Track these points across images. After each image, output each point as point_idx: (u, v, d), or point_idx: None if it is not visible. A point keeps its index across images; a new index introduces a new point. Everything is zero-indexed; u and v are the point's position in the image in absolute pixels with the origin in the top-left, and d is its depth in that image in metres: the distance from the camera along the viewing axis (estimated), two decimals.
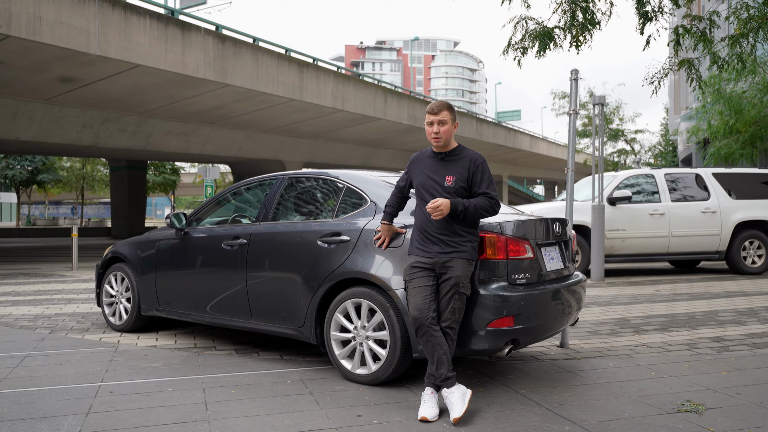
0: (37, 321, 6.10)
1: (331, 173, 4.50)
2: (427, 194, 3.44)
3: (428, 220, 3.40)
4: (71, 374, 4.05)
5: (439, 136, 3.45)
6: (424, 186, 3.47)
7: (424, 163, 3.54)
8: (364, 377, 3.83)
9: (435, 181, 3.43)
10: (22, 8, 10.87)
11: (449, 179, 3.41)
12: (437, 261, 3.38)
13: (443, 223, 3.39)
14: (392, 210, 3.73)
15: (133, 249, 5.47)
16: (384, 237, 3.75)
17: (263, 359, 4.53)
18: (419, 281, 3.36)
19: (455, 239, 3.40)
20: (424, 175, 3.49)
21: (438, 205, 3.33)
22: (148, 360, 4.46)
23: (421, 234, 3.46)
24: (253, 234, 4.52)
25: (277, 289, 4.30)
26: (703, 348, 4.93)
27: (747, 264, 10.33)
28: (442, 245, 3.38)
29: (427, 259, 3.39)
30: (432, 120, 3.46)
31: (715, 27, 6.46)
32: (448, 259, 3.38)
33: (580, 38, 6.16)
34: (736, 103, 13.74)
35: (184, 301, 4.97)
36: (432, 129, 3.47)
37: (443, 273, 3.37)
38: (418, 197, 3.50)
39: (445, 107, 3.47)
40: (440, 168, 3.46)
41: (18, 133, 16.10)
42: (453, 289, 3.34)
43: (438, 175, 3.44)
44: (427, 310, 3.30)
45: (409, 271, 3.42)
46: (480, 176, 3.43)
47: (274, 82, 16.71)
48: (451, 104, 3.51)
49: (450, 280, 3.35)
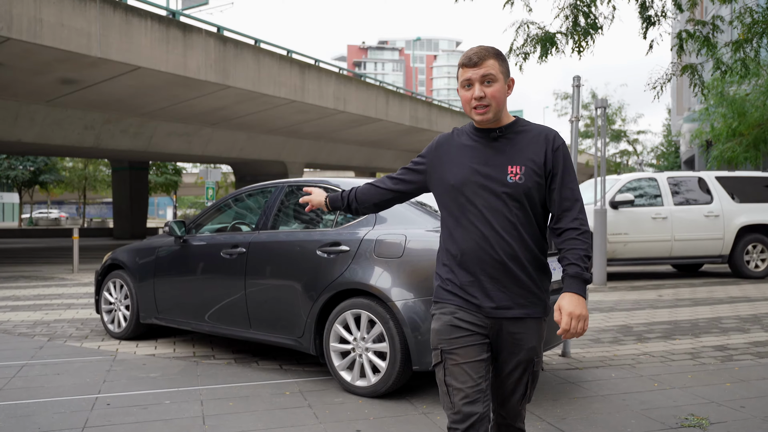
0: (35, 328, 6.07)
1: (331, 181, 4.46)
2: (476, 198, 2.01)
3: (479, 245, 2.00)
4: (68, 385, 4.02)
5: (487, 104, 2.00)
6: (467, 185, 2.03)
7: (461, 150, 2.09)
8: (363, 389, 3.79)
9: (487, 175, 2.01)
10: (23, 10, 10.85)
11: (514, 171, 2.00)
12: (494, 322, 2.02)
13: (507, 249, 1.99)
14: (350, 195, 2.39)
15: (131, 256, 5.44)
16: (310, 203, 2.49)
17: (262, 369, 4.50)
18: (466, 353, 1.98)
19: (528, 284, 2.02)
20: (464, 167, 2.05)
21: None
22: (146, 370, 4.43)
23: (462, 269, 2.04)
24: (252, 243, 4.48)
25: (276, 299, 4.27)
26: (707, 357, 4.88)
27: (750, 268, 10.27)
28: (506, 293, 2.01)
29: (475, 317, 2.01)
30: (471, 77, 2.00)
31: (719, 31, 6.41)
32: (517, 319, 2.03)
33: (582, 44, 6.12)
34: (739, 105, 13.67)
35: (182, 310, 4.94)
36: (471, 93, 2.01)
37: (505, 343, 2.04)
38: (452, 206, 2.08)
39: (491, 54, 2.02)
40: (494, 154, 2.04)
41: (19, 134, 16.08)
42: (527, 371, 2.08)
43: (492, 166, 2.02)
44: (483, 404, 1.96)
45: (446, 333, 2.01)
46: (562, 166, 2.04)
47: (276, 83, 16.68)
48: (500, 51, 2.07)
49: (520, 356, 2.05)
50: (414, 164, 2.26)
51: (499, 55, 2.04)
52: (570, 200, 2.02)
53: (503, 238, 1.99)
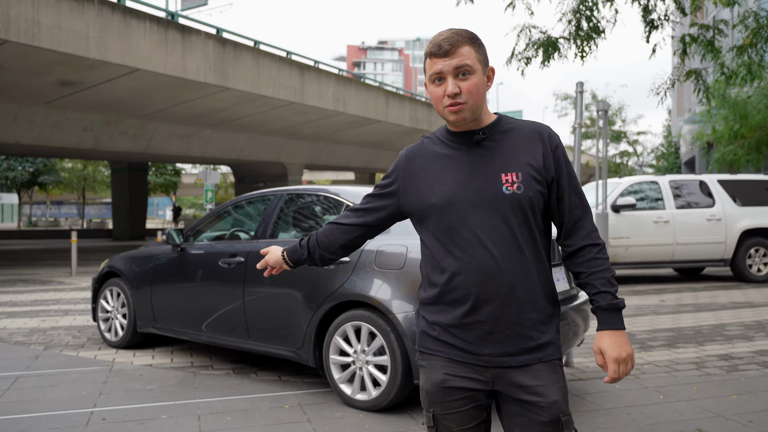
0: (32, 336, 6.00)
1: (330, 190, 4.40)
2: (467, 218, 1.62)
3: (476, 277, 1.60)
4: (63, 398, 3.95)
5: (463, 101, 1.60)
6: (454, 204, 1.63)
7: (438, 161, 1.70)
8: (364, 403, 3.72)
9: (478, 188, 1.62)
10: (20, 13, 10.78)
11: (510, 179, 1.61)
12: (498, 372, 1.63)
13: (511, 279, 1.60)
14: (310, 242, 1.94)
15: (128, 264, 5.37)
16: (269, 267, 2.04)
17: (261, 380, 4.43)
18: (462, 418, 1.65)
19: (536, 321, 1.63)
20: (446, 182, 1.65)
21: None
22: (143, 381, 4.36)
23: (454, 308, 1.64)
24: (251, 252, 4.41)
25: (275, 310, 4.20)
26: (712, 367, 4.82)
27: (752, 272, 10.21)
28: (509, 335, 1.62)
29: (472, 369, 1.64)
30: (442, 69, 1.61)
31: (723, 36, 6.35)
32: (526, 367, 1.62)
33: (585, 49, 6.06)
34: (741, 108, 13.60)
35: (180, 319, 4.87)
36: (443, 88, 1.62)
37: (517, 403, 1.63)
38: (437, 231, 1.67)
39: (465, 40, 1.62)
40: (481, 161, 1.64)
41: (18, 136, 16.02)
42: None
43: (481, 176, 1.63)
44: None
45: (437, 395, 1.67)
46: (566, 168, 1.68)
47: (276, 85, 16.62)
48: (475, 35, 1.66)
49: (541, 417, 1.60)
50: (380, 188, 1.82)
51: (474, 39, 1.65)
52: (580, 209, 1.70)
53: (506, 265, 1.60)
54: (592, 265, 1.66)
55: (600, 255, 1.67)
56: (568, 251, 1.71)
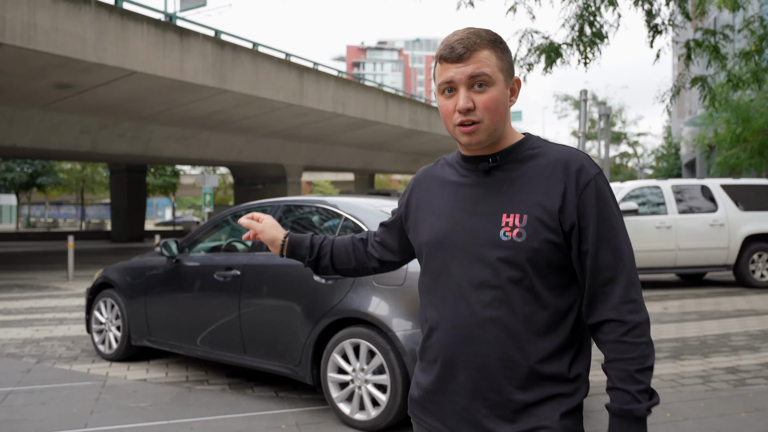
0: (24, 347, 5.89)
1: (328, 201, 4.29)
2: (452, 264, 1.34)
3: (451, 336, 1.33)
4: (54, 417, 3.84)
5: (477, 119, 1.30)
6: (443, 244, 1.37)
7: (442, 190, 1.43)
8: (362, 423, 3.62)
9: (472, 230, 1.32)
10: (16, 15, 10.67)
11: (511, 222, 1.29)
12: None
13: (493, 350, 1.29)
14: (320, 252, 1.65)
15: (123, 275, 5.26)
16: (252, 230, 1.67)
17: (257, 396, 4.32)
18: None
19: (529, 402, 1.29)
20: (443, 217, 1.39)
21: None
22: (136, 398, 4.25)
23: (432, 366, 1.38)
24: (247, 266, 4.30)
25: (272, 326, 4.09)
26: (719, 381, 4.71)
27: (756, 277, 10.11)
28: (482, 417, 1.31)
29: None
30: (453, 77, 1.30)
31: (728, 41, 6.24)
32: None
33: (589, 55, 5.95)
34: (744, 111, 13.50)
35: (175, 333, 4.76)
36: (454, 102, 1.31)
37: None
38: (426, 271, 1.42)
39: (485, 43, 1.30)
40: (484, 195, 1.34)
41: (15, 139, 15.90)
42: None
43: (479, 215, 1.33)
44: None
45: None
46: (597, 213, 1.28)
47: (274, 87, 16.52)
48: (499, 36, 1.35)
49: None
50: (389, 219, 1.62)
51: (496, 43, 1.31)
52: (611, 269, 1.26)
53: (488, 329, 1.27)
54: (614, 350, 1.26)
55: (628, 337, 1.25)
56: (589, 324, 1.32)
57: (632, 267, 1.29)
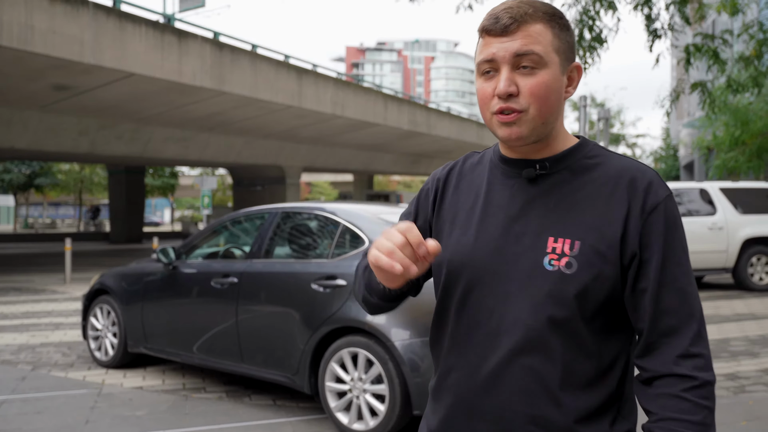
0: (20, 354, 5.85)
1: (327, 208, 4.26)
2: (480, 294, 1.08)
3: (470, 384, 1.09)
4: (48, 427, 3.81)
5: (521, 107, 1.02)
6: (467, 268, 1.10)
7: (472, 193, 1.16)
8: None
9: (510, 254, 1.07)
10: (13, 17, 10.63)
11: (561, 249, 1.03)
12: None
13: (524, 406, 1.04)
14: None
15: (119, 282, 5.22)
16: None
17: (255, 405, 4.29)
18: None
19: None
20: (469, 231, 1.12)
21: None
22: (132, 407, 4.21)
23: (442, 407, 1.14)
24: (245, 273, 4.27)
25: (270, 334, 4.06)
26: (719, 388, 4.69)
27: (755, 281, 10.09)
28: None
29: None
30: (495, 54, 1.03)
31: (728, 46, 6.23)
32: None
33: (588, 60, 5.93)
34: (743, 114, 13.49)
35: (172, 341, 4.72)
36: (493, 84, 1.04)
37: None
38: (444, 296, 1.15)
39: (540, 15, 1.03)
40: (528, 210, 1.08)
41: (13, 141, 15.85)
42: None
43: (519, 235, 1.07)
44: None
45: None
46: (664, 245, 1.03)
47: (273, 89, 16.49)
48: (558, 11, 1.07)
49: None
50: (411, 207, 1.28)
51: (554, 17, 1.05)
52: (675, 316, 1.02)
53: (518, 379, 1.04)
54: (669, 407, 1.00)
55: (691, 395, 0.99)
56: (642, 377, 1.06)
57: (701, 315, 1.04)
